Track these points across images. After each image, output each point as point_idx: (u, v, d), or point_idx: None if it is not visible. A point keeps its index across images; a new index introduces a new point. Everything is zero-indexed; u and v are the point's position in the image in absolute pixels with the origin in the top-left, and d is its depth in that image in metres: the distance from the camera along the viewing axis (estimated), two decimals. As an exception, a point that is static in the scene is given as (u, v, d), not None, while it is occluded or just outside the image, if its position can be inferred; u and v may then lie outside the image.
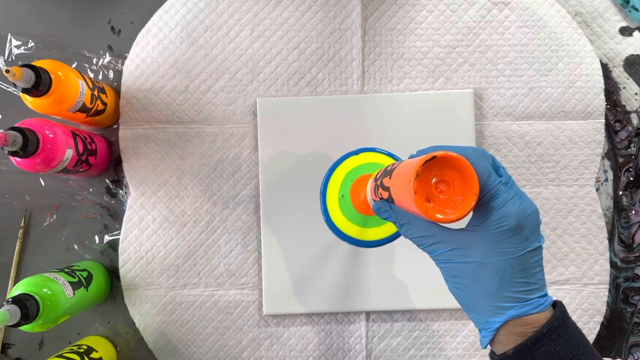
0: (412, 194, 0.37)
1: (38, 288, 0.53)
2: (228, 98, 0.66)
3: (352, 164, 0.65)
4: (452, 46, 0.66)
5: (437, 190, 0.37)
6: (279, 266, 0.64)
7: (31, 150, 0.52)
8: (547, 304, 0.39)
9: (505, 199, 0.38)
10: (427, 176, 0.37)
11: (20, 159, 0.53)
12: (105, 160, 0.65)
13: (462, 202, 0.37)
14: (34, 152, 0.52)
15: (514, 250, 0.38)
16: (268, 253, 0.64)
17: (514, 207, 0.37)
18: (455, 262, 0.39)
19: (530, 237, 0.38)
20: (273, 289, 0.64)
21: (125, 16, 0.68)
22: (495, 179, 0.38)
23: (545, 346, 0.37)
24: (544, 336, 0.37)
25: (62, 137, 0.55)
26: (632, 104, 0.67)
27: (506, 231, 0.37)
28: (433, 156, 0.36)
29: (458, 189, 0.37)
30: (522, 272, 0.38)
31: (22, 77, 0.49)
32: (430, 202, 0.37)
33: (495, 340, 0.39)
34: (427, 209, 0.37)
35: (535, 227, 0.38)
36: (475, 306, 0.39)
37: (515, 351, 0.38)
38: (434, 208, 0.37)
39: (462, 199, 0.37)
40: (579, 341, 0.38)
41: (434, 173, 0.37)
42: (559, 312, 0.38)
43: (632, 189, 0.66)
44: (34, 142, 0.52)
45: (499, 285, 0.38)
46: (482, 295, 0.38)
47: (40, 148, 0.53)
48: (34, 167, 0.53)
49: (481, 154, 0.39)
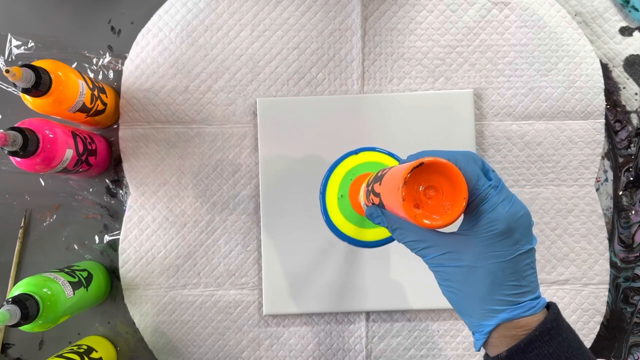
0: (400, 201, 0.37)
1: (38, 288, 0.53)
2: (228, 98, 0.66)
3: (351, 163, 0.65)
4: (452, 46, 0.66)
5: (425, 197, 0.38)
6: (279, 266, 0.64)
7: (31, 150, 0.52)
8: (540, 306, 0.39)
9: (495, 203, 0.38)
10: (415, 182, 0.37)
11: (20, 159, 0.53)
12: (105, 160, 0.65)
13: (451, 208, 0.37)
14: (34, 152, 0.52)
15: (505, 254, 0.38)
16: (268, 253, 0.64)
17: (503, 210, 0.38)
18: (448, 265, 0.39)
19: (522, 240, 0.38)
20: (273, 289, 0.64)
21: (125, 16, 0.68)
22: (485, 183, 0.38)
23: (538, 348, 0.37)
24: (536, 338, 0.37)
25: (62, 137, 0.55)
26: (632, 104, 0.67)
27: (496, 235, 0.37)
28: (420, 163, 0.37)
29: (447, 195, 0.37)
30: (514, 275, 0.38)
31: (22, 77, 0.49)
32: (419, 208, 0.37)
33: (489, 343, 0.39)
34: (415, 215, 0.37)
35: (527, 230, 0.38)
36: (468, 309, 0.39)
37: (508, 354, 0.38)
38: (423, 214, 0.37)
39: (451, 204, 0.37)
40: (573, 343, 0.38)
41: (423, 179, 0.38)
42: (552, 315, 0.38)
43: (632, 189, 0.66)
44: (34, 142, 0.52)
45: (491, 289, 0.38)
46: (474, 298, 0.39)
47: (40, 148, 0.53)
48: (34, 167, 0.53)
49: (470, 158, 0.39)
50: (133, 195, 0.66)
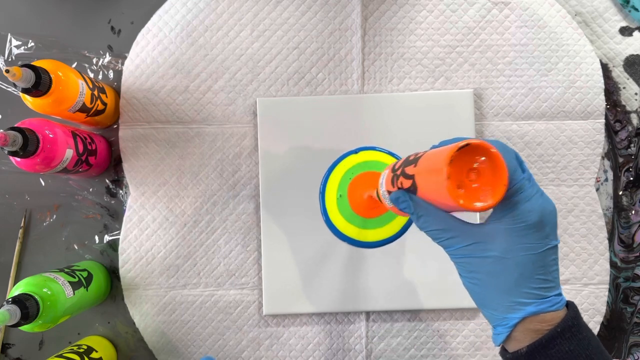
0: (444, 180, 0.36)
1: (38, 288, 0.53)
2: (228, 98, 0.66)
3: (350, 162, 0.65)
4: (452, 46, 0.66)
5: (468, 179, 0.37)
6: (279, 266, 0.64)
7: (31, 150, 0.52)
8: (563, 303, 0.38)
9: (530, 194, 0.38)
10: (458, 164, 0.36)
11: (20, 159, 0.53)
12: (105, 161, 0.65)
13: (491, 193, 0.36)
14: (34, 152, 0.52)
15: (536, 246, 0.37)
16: (268, 253, 0.64)
17: (537, 203, 0.38)
18: (474, 256, 0.39)
19: (550, 235, 0.38)
20: (273, 289, 0.64)
21: (125, 16, 0.68)
22: (520, 174, 0.38)
23: (559, 345, 0.37)
24: (558, 335, 0.37)
25: (62, 137, 0.55)
26: (632, 104, 0.67)
27: (529, 226, 0.37)
28: (467, 143, 0.36)
29: (487, 179, 0.37)
30: (542, 268, 0.38)
31: (22, 77, 0.49)
32: (461, 189, 0.37)
33: (511, 337, 0.39)
34: (458, 195, 0.36)
35: (555, 225, 0.39)
36: (492, 302, 0.39)
37: (529, 349, 0.38)
38: (466, 195, 0.36)
39: (492, 189, 0.36)
40: (592, 341, 0.38)
41: (466, 161, 0.37)
42: (572, 312, 0.38)
43: (632, 189, 0.66)
44: (34, 142, 0.52)
45: (519, 281, 0.38)
46: (500, 290, 0.38)
47: (40, 148, 0.53)
48: (34, 167, 0.53)
49: (507, 148, 0.39)
50: (133, 195, 0.66)
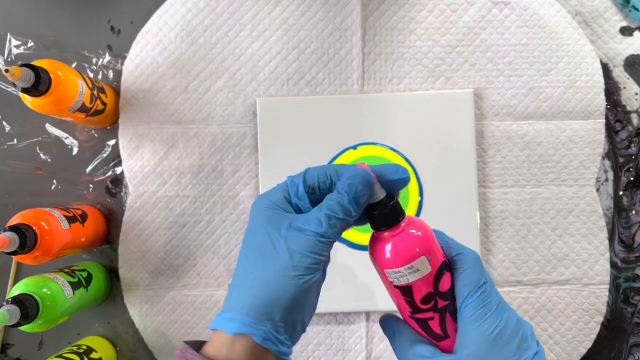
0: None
1: (38, 288, 0.53)
2: (227, 98, 0.66)
3: (348, 159, 0.64)
4: (452, 46, 0.66)
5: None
6: (279, 266, 0.64)
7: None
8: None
9: (481, 315, 0.36)
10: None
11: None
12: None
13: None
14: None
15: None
16: (268, 253, 0.64)
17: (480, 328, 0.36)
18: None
19: (522, 346, 0.35)
20: (273, 289, 0.64)
21: (125, 16, 0.68)
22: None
23: None
24: None
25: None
26: (632, 104, 0.67)
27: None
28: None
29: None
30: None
31: (21, 76, 0.49)
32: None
33: None
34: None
35: (526, 336, 0.36)
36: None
37: None
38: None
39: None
40: None
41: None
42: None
43: (632, 189, 0.66)
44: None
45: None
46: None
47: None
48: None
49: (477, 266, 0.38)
50: (133, 195, 0.66)
